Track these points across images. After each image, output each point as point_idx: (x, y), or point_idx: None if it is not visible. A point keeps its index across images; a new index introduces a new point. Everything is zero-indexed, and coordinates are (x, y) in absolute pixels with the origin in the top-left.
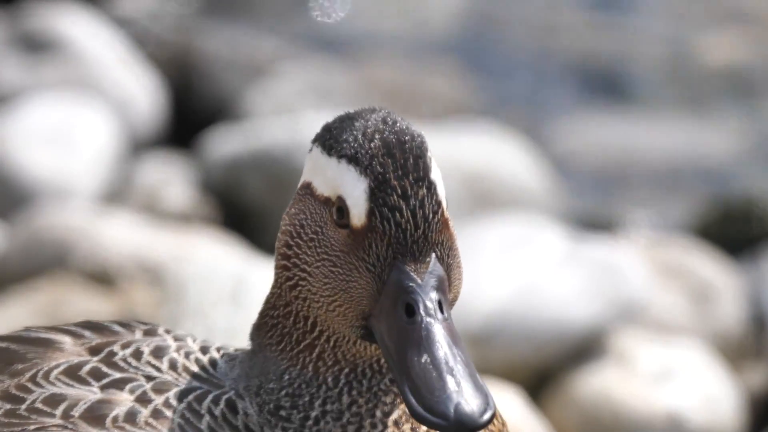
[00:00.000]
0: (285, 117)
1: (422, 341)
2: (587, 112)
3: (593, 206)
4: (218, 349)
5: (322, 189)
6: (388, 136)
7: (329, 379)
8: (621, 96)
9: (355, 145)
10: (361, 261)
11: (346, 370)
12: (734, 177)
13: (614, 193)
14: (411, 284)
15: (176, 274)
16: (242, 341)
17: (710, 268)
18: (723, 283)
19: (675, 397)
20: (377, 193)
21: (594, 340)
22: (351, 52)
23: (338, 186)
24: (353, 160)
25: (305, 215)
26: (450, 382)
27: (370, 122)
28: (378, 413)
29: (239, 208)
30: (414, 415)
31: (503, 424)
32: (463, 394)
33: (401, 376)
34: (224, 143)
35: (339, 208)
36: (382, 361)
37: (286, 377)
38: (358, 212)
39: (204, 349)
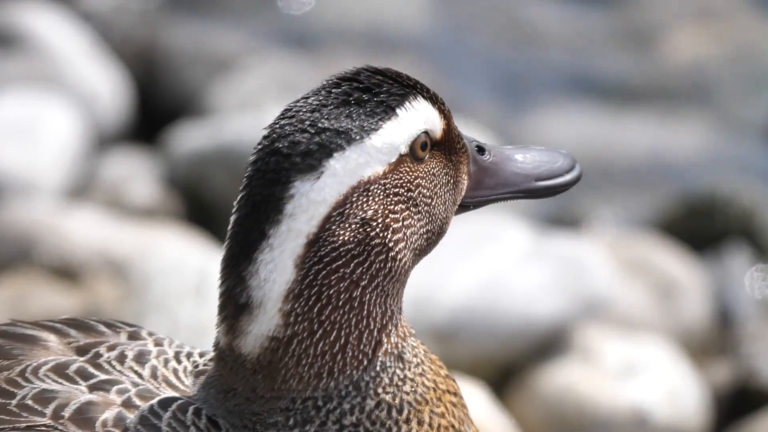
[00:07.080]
0: (249, 112)
1: (508, 154)
2: (553, 109)
3: (559, 202)
4: (188, 356)
5: (384, 161)
6: (367, 73)
7: (362, 381)
8: (587, 93)
9: (378, 101)
10: (459, 152)
11: (380, 353)
12: (698, 174)
13: (580, 190)
14: (469, 137)
15: (140, 268)
16: (206, 336)
17: (675, 264)
18: (687, 279)
19: (639, 393)
20: (432, 96)
21: (559, 335)
22: (316, 47)
23: (411, 131)
24: (401, 98)
25: (390, 198)
26: (553, 151)
27: (334, 90)
28: (395, 411)
29: (204, 202)
30: (565, 186)
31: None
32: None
33: (528, 182)
34: (189, 138)
35: (423, 143)
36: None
37: (298, 402)
38: (439, 122)
39: (177, 356)
